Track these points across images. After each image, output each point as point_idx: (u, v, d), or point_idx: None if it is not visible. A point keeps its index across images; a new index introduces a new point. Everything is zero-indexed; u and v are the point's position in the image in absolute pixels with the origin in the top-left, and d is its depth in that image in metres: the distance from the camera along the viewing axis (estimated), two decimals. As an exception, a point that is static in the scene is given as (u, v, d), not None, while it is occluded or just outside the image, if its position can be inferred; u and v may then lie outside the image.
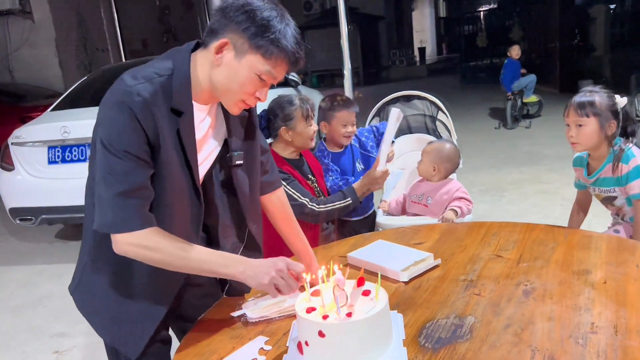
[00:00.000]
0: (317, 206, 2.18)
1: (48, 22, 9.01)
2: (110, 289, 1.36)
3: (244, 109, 1.35)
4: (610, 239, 1.68)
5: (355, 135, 2.64)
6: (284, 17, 1.23)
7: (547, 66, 11.36)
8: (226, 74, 1.24)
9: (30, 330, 3.19)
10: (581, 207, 2.23)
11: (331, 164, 2.57)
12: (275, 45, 1.21)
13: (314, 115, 2.29)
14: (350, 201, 2.27)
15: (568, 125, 1.95)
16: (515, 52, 8.08)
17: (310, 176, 2.38)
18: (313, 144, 2.33)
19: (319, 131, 2.49)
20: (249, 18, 1.20)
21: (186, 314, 1.51)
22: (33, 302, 3.60)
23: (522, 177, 5.31)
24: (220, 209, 1.45)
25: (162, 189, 1.27)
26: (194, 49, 1.31)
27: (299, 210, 2.09)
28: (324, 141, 2.64)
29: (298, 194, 2.16)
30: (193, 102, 1.28)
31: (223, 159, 1.42)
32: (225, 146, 1.41)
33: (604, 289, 1.34)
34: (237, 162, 1.41)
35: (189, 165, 1.29)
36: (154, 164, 1.24)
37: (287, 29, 1.23)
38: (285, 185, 2.11)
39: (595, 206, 2.25)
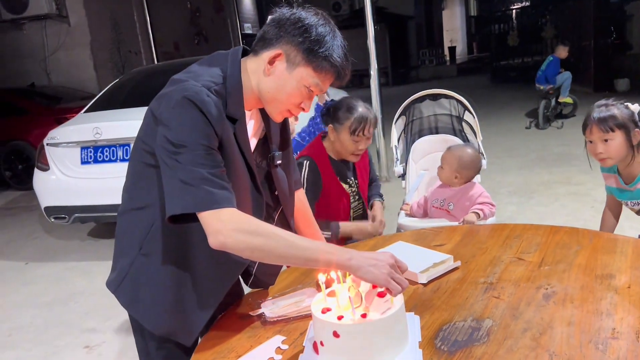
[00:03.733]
0: None
1: (83, 25, 9.27)
2: (167, 280, 1.35)
3: None
4: (638, 243, 1.63)
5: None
6: (335, 33, 1.28)
7: (581, 65, 11.08)
8: (276, 84, 1.28)
9: (61, 325, 3.30)
10: (613, 212, 2.19)
11: None
12: (327, 61, 1.25)
13: (367, 135, 2.23)
14: (329, 235, 2.21)
15: (591, 141, 1.95)
16: (564, 52, 7.82)
17: (350, 179, 2.37)
18: (355, 159, 2.29)
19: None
20: (304, 32, 1.24)
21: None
22: (65, 298, 3.71)
23: (552, 178, 5.20)
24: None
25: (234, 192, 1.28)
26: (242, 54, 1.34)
27: None
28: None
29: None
30: None
31: (257, 160, 1.44)
32: (260, 147, 1.45)
33: (627, 294, 1.31)
34: (278, 162, 1.46)
35: (250, 169, 1.33)
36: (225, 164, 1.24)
37: (338, 45, 1.27)
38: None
39: (627, 209, 2.19)
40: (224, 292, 1.43)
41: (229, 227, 1.16)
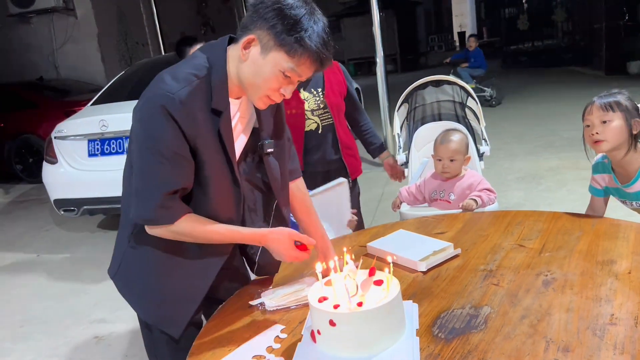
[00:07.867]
0: None
1: (90, 17, 9.27)
2: (153, 272, 1.42)
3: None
4: (641, 228, 1.62)
5: None
6: (313, 15, 1.24)
7: (593, 48, 10.91)
8: (251, 70, 1.27)
9: (72, 316, 3.34)
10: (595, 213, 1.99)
11: None
12: (299, 44, 1.22)
13: None
14: None
15: (588, 125, 1.79)
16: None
17: None
18: None
19: None
20: (277, 15, 1.22)
21: (217, 297, 1.54)
22: (75, 289, 3.75)
23: (561, 163, 5.15)
24: (248, 196, 1.48)
25: (208, 187, 1.33)
26: (228, 43, 1.34)
27: None
28: None
29: None
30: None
31: (251, 149, 1.45)
32: (253, 136, 1.44)
33: (628, 280, 1.30)
34: (269, 150, 1.45)
35: (229, 161, 1.34)
36: (198, 164, 1.31)
37: (315, 28, 1.23)
38: None
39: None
40: (208, 286, 1.45)
41: (163, 227, 1.32)
